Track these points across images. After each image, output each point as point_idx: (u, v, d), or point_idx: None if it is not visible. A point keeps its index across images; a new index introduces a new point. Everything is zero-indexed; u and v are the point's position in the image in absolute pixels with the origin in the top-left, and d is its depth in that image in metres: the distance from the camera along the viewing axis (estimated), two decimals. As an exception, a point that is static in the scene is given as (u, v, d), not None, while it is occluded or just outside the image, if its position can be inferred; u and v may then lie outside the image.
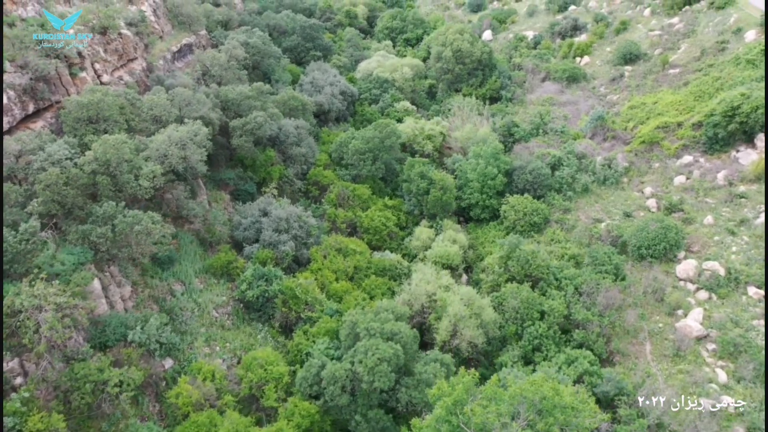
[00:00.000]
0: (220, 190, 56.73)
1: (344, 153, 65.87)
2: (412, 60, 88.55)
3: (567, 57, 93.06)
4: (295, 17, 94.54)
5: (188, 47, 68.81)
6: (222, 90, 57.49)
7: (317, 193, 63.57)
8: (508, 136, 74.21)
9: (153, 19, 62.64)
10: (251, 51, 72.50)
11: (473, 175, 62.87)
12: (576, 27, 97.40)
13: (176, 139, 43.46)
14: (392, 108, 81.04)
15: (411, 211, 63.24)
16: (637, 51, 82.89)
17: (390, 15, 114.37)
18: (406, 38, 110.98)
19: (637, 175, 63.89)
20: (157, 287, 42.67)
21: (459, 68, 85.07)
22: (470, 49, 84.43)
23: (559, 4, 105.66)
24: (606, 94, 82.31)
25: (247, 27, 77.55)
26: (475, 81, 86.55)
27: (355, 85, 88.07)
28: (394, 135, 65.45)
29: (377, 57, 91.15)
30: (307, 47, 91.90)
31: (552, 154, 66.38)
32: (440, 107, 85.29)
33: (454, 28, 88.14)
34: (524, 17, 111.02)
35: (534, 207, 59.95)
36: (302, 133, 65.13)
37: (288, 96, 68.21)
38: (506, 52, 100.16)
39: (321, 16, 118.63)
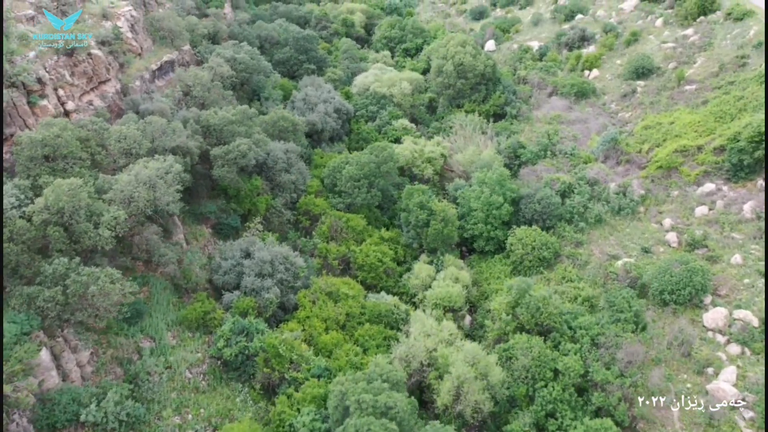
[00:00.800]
0: (201, 224, 51.83)
1: (337, 179, 61.00)
2: (411, 74, 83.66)
3: (575, 70, 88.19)
4: (288, 28, 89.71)
5: (170, 64, 63.92)
6: (203, 114, 52.60)
7: (308, 223, 58.68)
8: (514, 159, 69.31)
9: (130, 36, 57.76)
10: (239, 67, 67.60)
11: (477, 204, 57.98)
12: (584, 38, 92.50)
13: (144, 179, 38.57)
14: (390, 126, 76.17)
15: (409, 244, 58.35)
16: (650, 65, 78.00)
17: (388, 24, 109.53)
18: (405, 48, 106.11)
19: (655, 204, 58.97)
20: (121, 346, 37.78)
21: (461, 83, 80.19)
22: (473, 62, 79.55)
23: (565, 13, 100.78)
24: (617, 111, 77.42)
25: (235, 41, 72.61)
26: (478, 96, 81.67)
27: (351, 100, 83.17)
28: (391, 160, 60.58)
29: (374, 70, 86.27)
30: (300, 60, 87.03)
31: (562, 181, 61.47)
32: (441, 124, 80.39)
33: (455, 40, 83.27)
34: (529, 26, 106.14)
35: (543, 240, 55.06)
36: (292, 157, 60.24)
37: (277, 116, 63.33)
38: (510, 64, 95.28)
39: (317, 25, 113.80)
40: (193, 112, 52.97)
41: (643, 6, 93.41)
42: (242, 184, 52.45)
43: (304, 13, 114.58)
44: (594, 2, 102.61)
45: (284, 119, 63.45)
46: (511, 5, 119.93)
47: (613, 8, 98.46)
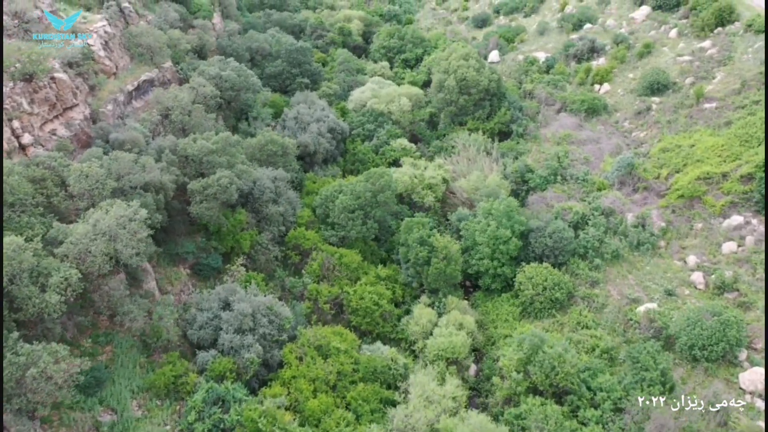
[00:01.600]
0: (177, 265, 46.82)
1: (330, 210, 56.01)
2: (411, 89, 78.64)
3: (584, 84, 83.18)
4: (281, 39, 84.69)
5: (149, 83, 58.93)
6: (180, 143, 47.59)
7: (298, 259, 53.69)
8: (522, 184, 64.34)
9: (102, 54, 52.77)
10: (224, 86, 62.59)
11: (482, 237, 52.95)
12: (593, 49, 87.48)
13: (104, 228, 33.57)
14: (388, 146, 71.17)
15: (408, 283, 53.34)
16: (665, 80, 72.99)
17: (387, 33, 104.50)
18: (404, 58, 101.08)
19: (677, 238, 53.98)
20: (76, 424, 32.78)
21: (464, 99, 75.17)
22: (476, 77, 74.54)
23: (573, 23, 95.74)
24: (631, 130, 72.38)
25: (221, 57, 67.50)
26: (482, 113, 76.64)
27: (347, 117, 78.22)
28: (388, 188, 55.59)
29: (371, 84, 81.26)
30: (293, 73, 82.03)
31: (575, 211, 56.46)
32: (442, 143, 75.35)
33: (458, 53, 78.25)
34: (534, 35, 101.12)
35: (555, 280, 50.04)
36: (281, 186, 55.27)
37: (266, 140, 58.35)
38: (516, 77, 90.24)
39: (312, 33, 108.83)
40: (169, 141, 47.95)
41: (656, 15, 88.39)
42: (224, 220, 47.43)
43: (299, 21, 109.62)
44: (603, 11, 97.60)
45: (273, 143, 58.46)
46: (515, 12, 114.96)
47: (623, 17, 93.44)
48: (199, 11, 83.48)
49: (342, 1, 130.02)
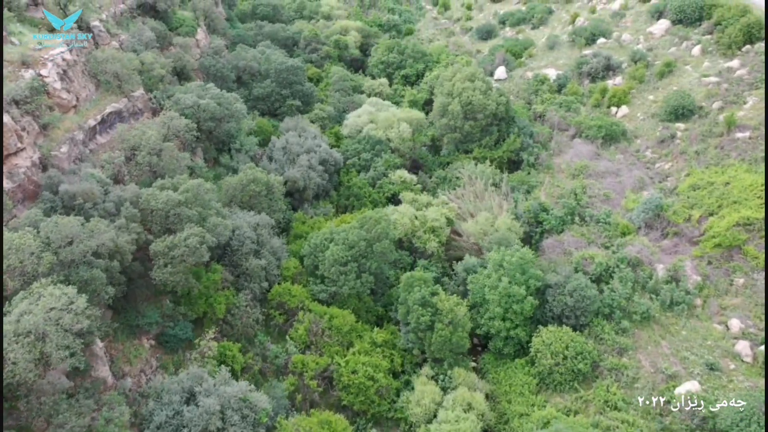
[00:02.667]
0: (138, 338, 40.15)
1: (320, 261, 49.35)
2: (411, 113, 71.92)
3: (599, 106, 76.45)
4: (270, 57, 77.99)
5: (116, 115, 52.32)
6: (144, 194, 40.92)
7: (282, 320, 47.04)
8: (535, 225, 57.68)
9: (59, 87, 46.10)
10: (203, 116, 55.95)
11: (493, 295, 46.28)
12: (609, 67, 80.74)
13: (28, 327, 26.92)
14: (386, 179, 64.49)
15: (409, 349, 46.67)
16: (691, 104, 66.28)
17: (386, 46, 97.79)
18: (404, 75, 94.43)
19: (715, 295, 47.29)
20: None
21: (469, 126, 68.51)
22: (483, 101, 67.86)
23: (585, 37, 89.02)
24: (654, 160, 65.64)
25: (199, 84, 60.74)
26: (489, 140, 69.96)
27: (341, 144, 71.62)
28: (386, 236, 48.91)
29: (368, 107, 74.60)
30: (283, 95, 75.36)
31: (597, 261, 49.82)
32: (446, 173, 68.67)
33: (462, 73, 71.57)
34: (544, 50, 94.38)
35: (577, 348, 43.42)
36: (264, 235, 48.66)
37: (248, 179, 51.73)
38: (524, 96, 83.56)
39: (306, 47, 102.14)
40: (131, 191, 41.27)
41: (676, 30, 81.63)
42: (194, 282, 40.75)
43: (292, 34, 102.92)
44: (617, 24, 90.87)
45: (256, 182, 51.83)
46: (522, 24, 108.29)
47: (640, 31, 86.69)
48: (181, 26, 76.80)
49: (339, 11, 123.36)
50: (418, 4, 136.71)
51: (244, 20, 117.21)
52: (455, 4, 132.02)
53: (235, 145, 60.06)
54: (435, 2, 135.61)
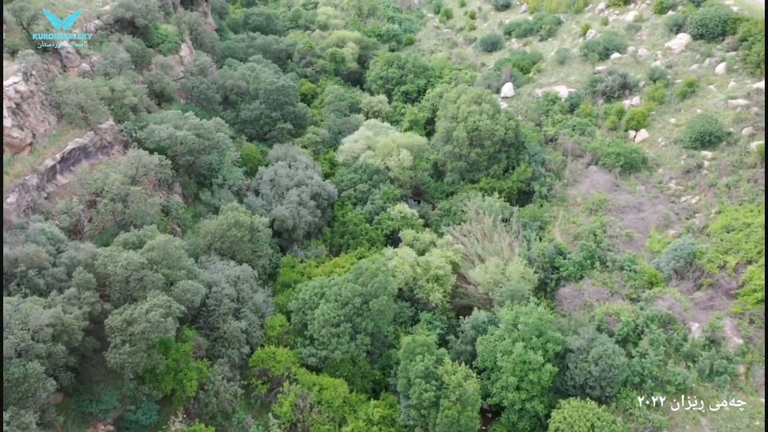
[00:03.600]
0: (93, 426, 34.24)
1: (309, 319, 43.45)
2: (412, 139, 65.97)
3: (616, 129, 70.54)
4: (260, 75, 72.04)
5: (81, 151, 46.47)
6: (100, 256, 35.05)
7: (264, 390, 41.14)
8: (551, 271, 51.79)
9: (10, 124, 40.19)
10: (180, 149, 50.08)
11: (506, 362, 40.40)
12: (625, 85, 74.82)
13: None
14: (384, 214, 58.58)
15: (410, 426, 40.70)
16: (718, 130, 60.51)
17: (385, 60, 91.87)
18: (404, 91, 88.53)
19: (760, 361, 41.41)
20: None
21: (476, 153, 62.61)
22: (491, 126, 61.98)
23: (598, 51, 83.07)
24: (679, 193, 59.77)
25: (176, 112, 54.70)
26: (498, 168, 64.08)
27: (336, 172, 65.82)
28: (384, 291, 42.98)
29: (366, 131, 68.72)
30: (273, 118, 69.48)
31: (624, 319, 43.96)
32: (450, 204, 62.74)
33: (468, 95, 65.67)
34: (553, 65, 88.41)
35: (604, 429, 37.49)
36: (246, 290, 42.79)
37: (229, 222, 45.83)
38: (534, 117, 77.64)
39: (300, 60, 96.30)
40: (85, 251, 35.43)
41: (697, 46, 75.69)
42: (158, 359, 34.87)
43: (285, 46, 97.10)
44: (632, 37, 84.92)
45: (238, 226, 45.93)
46: (530, 35, 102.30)
47: (657, 46, 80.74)
48: (163, 42, 70.96)
49: (336, 20, 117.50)
50: (419, 12, 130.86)
51: (236, 30, 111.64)
52: (458, 12, 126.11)
53: (217, 180, 54.15)
54: (437, 10, 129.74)
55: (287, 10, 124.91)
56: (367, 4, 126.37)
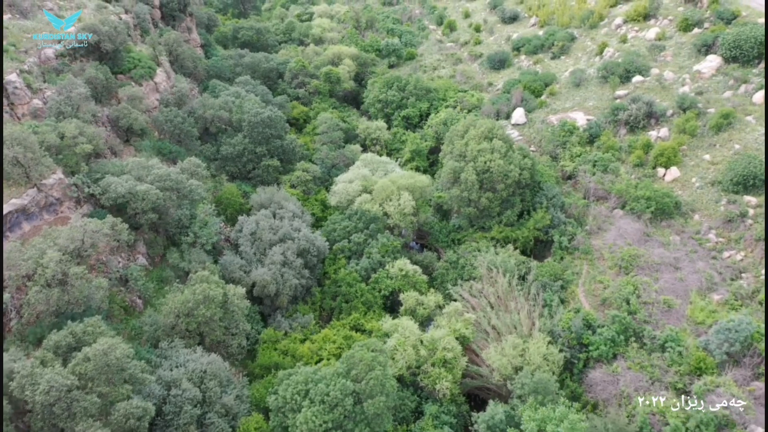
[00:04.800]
0: None
1: (290, 424, 35.80)
2: (414, 179, 58.29)
3: (642, 165, 62.95)
4: (243, 105, 64.42)
5: (21, 213, 38.86)
6: (18, 376, 27.42)
7: None
8: (578, 349, 44.13)
9: None
10: (141, 206, 42.45)
11: (531, 483, 32.87)
12: (651, 114, 67.27)
13: None
14: (382, 272, 50.99)
15: None
16: (762, 172, 52.90)
17: (384, 82, 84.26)
18: (404, 116, 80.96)
19: (841, 482, 33.89)
20: None
21: (487, 198, 55.00)
22: (504, 168, 54.39)
23: (618, 74, 75.50)
24: (721, 247, 52.06)
25: (138, 161, 46.88)
26: (511, 214, 56.47)
27: (328, 216, 58.26)
28: (380, 390, 35.33)
29: (362, 169, 61.09)
30: (257, 153, 61.85)
31: (672, 422, 36.31)
32: (458, 256, 55.17)
33: (477, 129, 58.02)
34: (568, 87, 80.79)
35: None
36: (213, 388, 35.16)
37: (196, 298, 38.21)
38: (549, 149, 70.02)
39: (292, 80, 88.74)
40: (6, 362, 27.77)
41: (730, 70, 68.09)
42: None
43: (276, 65, 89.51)
44: (655, 58, 77.34)
45: (208, 303, 38.27)
46: (540, 52, 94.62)
47: (684, 68, 73.12)
48: (135, 68, 63.39)
49: (331, 33, 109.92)
50: (420, 24, 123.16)
51: (226, 44, 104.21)
52: (462, 24, 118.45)
53: (187, 239, 46.44)
54: (439, 22, 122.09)
55: (280, 22, 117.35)
56: (365, 15, 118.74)
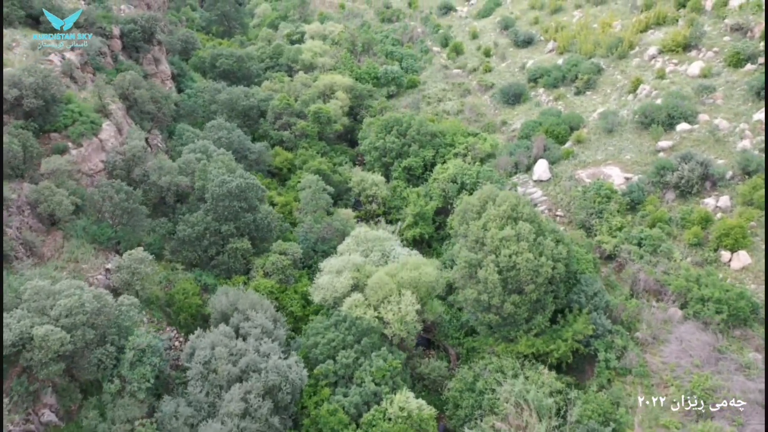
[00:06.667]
0: None
1: None
2: (418, 272, 45.85)
3: (700, 245, 50.85)
4: (208, 170, 52.17)
5: None
6: None
7: None
8: None
9: None
10: (41, 355, 30.29)
11: None
12: (706, 176, 55.20)
13: None
14: (377, 410, 38.80)
15: None
16: None
17: (381, 125, 72.00)
18: (406, 166, 68.81)
19: None
20: None
21: (513, 303, 42.78)
22: (534, 263, 42.20)
23: (660, 120, 63.35)
24: (820, 375, 39.94)
25: (38, 284, 34.56)
26: (542, 320, 44.24)
27: (308, 316, 46.20)
28: None
29: (353, 254, 48.81)
30: (223, 234, 49.61)
31: None
32: (474, 375, 43.01)
33: (498, 209, 45.75)
34: (598, 133, 68.54)
35: None
36: None
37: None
38: (581, 217, 57.77)
39: (275, 121, 76.67)
40: None
41: (801, 121, 56.12)
42: None
43: (257, 102, 77.37)
44: (702, 100, 65.18)
45: None
46: (561, 85, 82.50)
47: (740, 116, 60.93)
48: (74, 123, 51.39)
49: (323, 58, 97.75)
50: (423, 45, 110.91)
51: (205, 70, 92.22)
52: (469, 47, 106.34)
53: (111, 386, 34.09)
54: (444, 43, 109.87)
55: (267, 44, 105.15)
56: (361, 36, 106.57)
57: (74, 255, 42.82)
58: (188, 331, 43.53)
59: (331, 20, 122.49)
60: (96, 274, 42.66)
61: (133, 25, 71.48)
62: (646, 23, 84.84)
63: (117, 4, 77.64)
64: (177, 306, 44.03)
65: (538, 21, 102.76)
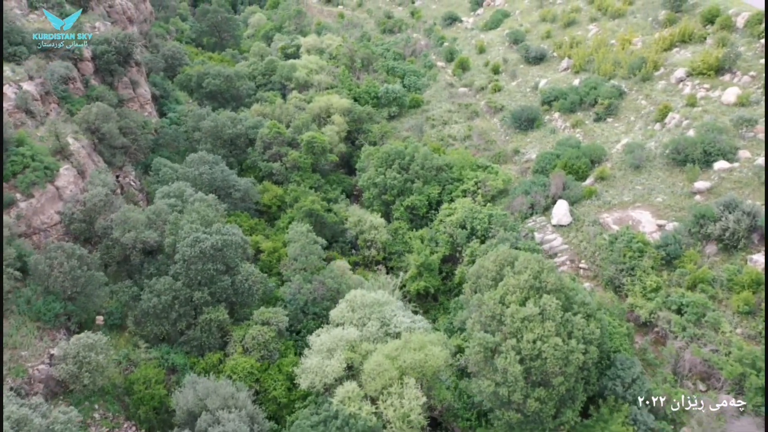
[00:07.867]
0: None
1: None
2: (424, 355, 38.42)
3: (751, 312, 43.64)
4: (180, 226, 45.03)
5: None
6: None
7: None
8: None
9: None
10: None
11: None
12: (753, 228, 47.99)
13: None
14: None
15: None
16: None
17: (382, 158, 64.80)
18: (408, 205, 61.65)
19: None
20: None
21: (538, 399, 35.62)
22: (564, 349, 35.06)
23: (695, 156, 56.16)
24: None
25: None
26: (572, 414, 37.08)
27: (291, 405, 39.06)
28: None
29: (346, 327, 41.60)
30: (195, 302, 42.42)
31: None
32: (490, 480, 35.96)
33: (517, 279, 38.58)
34: (624, 169, 61.25)
35: None
36: None
37: None
38: (609, 273, 50.54)
39: (264, 151, 69.59)
40: None
41: None
42: None
43: (245, 130, 70.30)
44: (740, 133, 57.95)
45: None
46: (578, 110, 75.27)
47: (787, 154, 53.75)
48: (24, 170, 44.35)
49: (319, 75, 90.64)
50: (427, 60, 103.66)
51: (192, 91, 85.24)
52: (476, 61, 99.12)
53: None
54: (449, 58, 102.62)
55: (259, 60, 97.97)
56: (360, 51, 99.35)
57: (13, 339, 35.73)
58: (150, 427, 36.44)
59: (329, 31, 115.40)
60: (38, 363, 35.59)
61: (107, 45, 64.42)
62: (671, 41, 77.46)
63: (90, 21, 70.49)
64: (137, 397, 36.93)
65: (550, 35, 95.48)
